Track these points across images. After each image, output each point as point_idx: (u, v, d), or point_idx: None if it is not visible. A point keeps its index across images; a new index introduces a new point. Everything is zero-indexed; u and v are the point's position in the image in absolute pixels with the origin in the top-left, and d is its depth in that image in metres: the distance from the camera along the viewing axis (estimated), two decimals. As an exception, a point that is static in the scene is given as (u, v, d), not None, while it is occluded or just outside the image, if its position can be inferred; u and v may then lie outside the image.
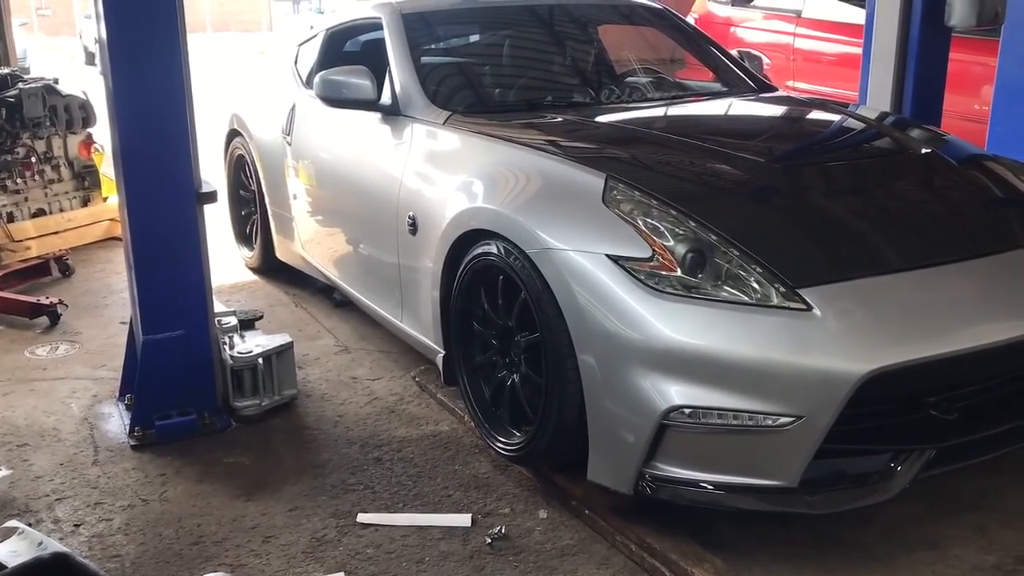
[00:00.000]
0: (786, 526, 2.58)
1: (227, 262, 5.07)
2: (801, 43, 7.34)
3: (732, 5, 8.15)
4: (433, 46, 4.02)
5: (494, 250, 2.78)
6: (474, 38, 4.29)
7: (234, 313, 3.55)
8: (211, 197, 3.15)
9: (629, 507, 2.57)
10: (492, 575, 2.44)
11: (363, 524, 2.67)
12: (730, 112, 3.82)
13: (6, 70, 5.76)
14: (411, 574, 2.45)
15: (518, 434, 2.85)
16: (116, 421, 3.33)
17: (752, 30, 7.86)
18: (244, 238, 5.15)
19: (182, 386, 3.19)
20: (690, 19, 8.32)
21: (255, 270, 5.04)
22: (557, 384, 2.57)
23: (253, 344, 3.36)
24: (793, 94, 4.45)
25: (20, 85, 5.37)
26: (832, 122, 3.64)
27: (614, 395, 2.43)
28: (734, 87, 4.10)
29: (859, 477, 2.42)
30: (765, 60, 7.52)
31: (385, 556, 2.53)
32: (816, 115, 3.77)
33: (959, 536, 2.54)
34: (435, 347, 3.23)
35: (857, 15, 6.41)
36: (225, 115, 5.04)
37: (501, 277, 2.80)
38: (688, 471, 2.40)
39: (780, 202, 2.79)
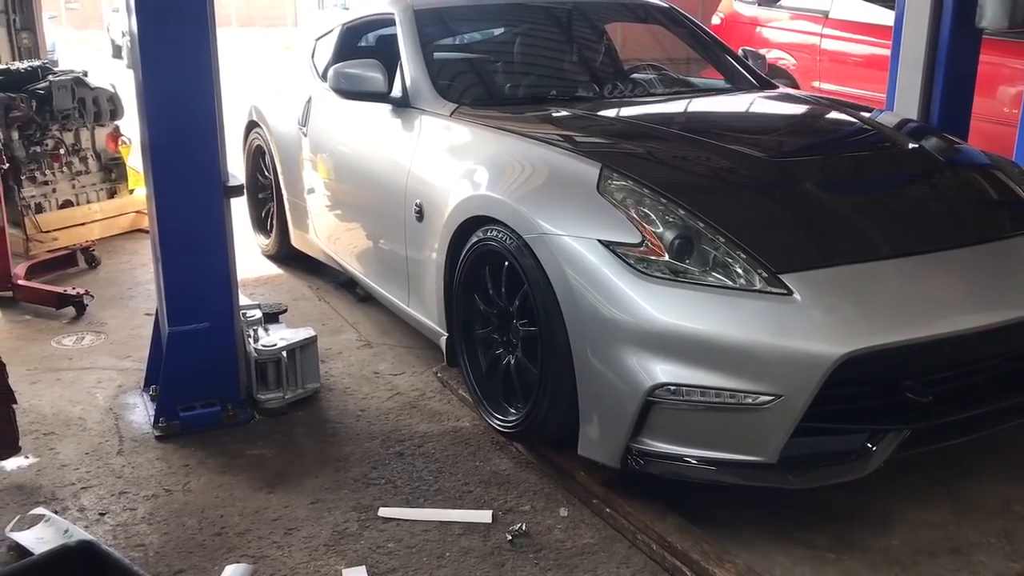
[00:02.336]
0: (807, 528, 2.57)
1: (251, 256, 5.11)
2: (828, 44, 7.29)
3: (759, 5, 8.09)
4: (443, 41, 4.12)
5: (495, 236, 2.89)
6: (483, 34, 4.40)
7: (259, 306, 3.58)
8: (238, 191, 3.17)
9: (650, 505, 2.57)
10: (512, 572, 2.45)
11: (384, 518, 2.69)
12: (728, 108, 3.91)
13: (36, 62, 5.82)
14: (432, 569, 2.46)
15: (514, 411, 2.96)
16: (141, 412, 3.36)
17: (779, 30, 7.81)
18: (261, 226, 5.25)
19: (206, 378, 3.22)
20: (716, 19, 8.29)
21: (271, 257, 5.11)
22: (551, 342, 2.67)
23: (277, 337, 3.39)
24: (792, 91, 4.47)
25: (50, 77, 5.43)
26: (825, 117, 3.73)
27: (603, 373, 2.54)
28: (736, 84, 4.19)
29: (837, 455, 2.51)
30: (791, 60, 7.47)
31: (406, 550, 2.54)
32: (810, 111, 3.86)
33: (983, 542, 2.52)
34: (439, 329, 3.34)
35: (885, 16, 6.36)
36: (246, 108, 5.13)
37: (500, 261, 2.90)
38: (673, 446, 2.51)
39: (767, 192, 2.87)
